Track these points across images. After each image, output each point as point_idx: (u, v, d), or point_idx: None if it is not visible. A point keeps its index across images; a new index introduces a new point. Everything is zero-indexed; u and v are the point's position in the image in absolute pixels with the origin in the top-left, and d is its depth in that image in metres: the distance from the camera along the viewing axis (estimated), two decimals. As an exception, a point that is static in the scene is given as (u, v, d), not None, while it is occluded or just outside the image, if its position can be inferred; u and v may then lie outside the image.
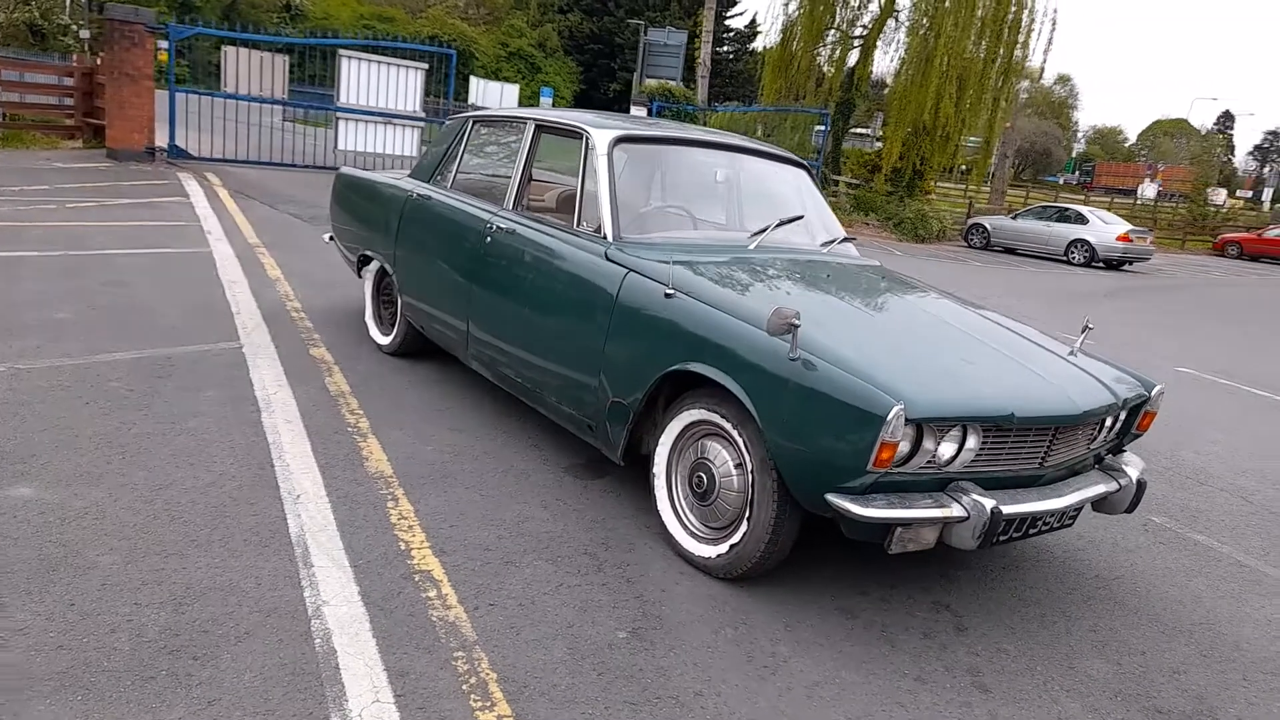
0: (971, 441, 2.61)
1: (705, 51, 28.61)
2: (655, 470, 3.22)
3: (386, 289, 5.14)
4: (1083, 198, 40.25)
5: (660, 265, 3.27)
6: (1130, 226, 21.37)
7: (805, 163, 4.52)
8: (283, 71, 23.96)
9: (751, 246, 3.69)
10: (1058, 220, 21.91)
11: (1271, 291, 20.54)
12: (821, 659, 2.61)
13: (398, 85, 15.86)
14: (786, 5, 23.60)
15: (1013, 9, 21.23)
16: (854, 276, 3.71)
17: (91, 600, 2.42)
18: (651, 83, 27.51)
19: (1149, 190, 53.08)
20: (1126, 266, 21.30)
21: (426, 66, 16.38)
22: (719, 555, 2.94)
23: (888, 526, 2.54)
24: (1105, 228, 21.03)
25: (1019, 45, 21.57)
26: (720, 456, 2.95)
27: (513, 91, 38.18)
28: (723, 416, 2.89)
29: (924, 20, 21.44)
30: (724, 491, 2.94)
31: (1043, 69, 36.06)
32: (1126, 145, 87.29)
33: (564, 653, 2.47)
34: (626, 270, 3.30)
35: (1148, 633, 3.06)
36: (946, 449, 2.59)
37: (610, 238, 3.49)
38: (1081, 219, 21.61)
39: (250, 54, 21.39)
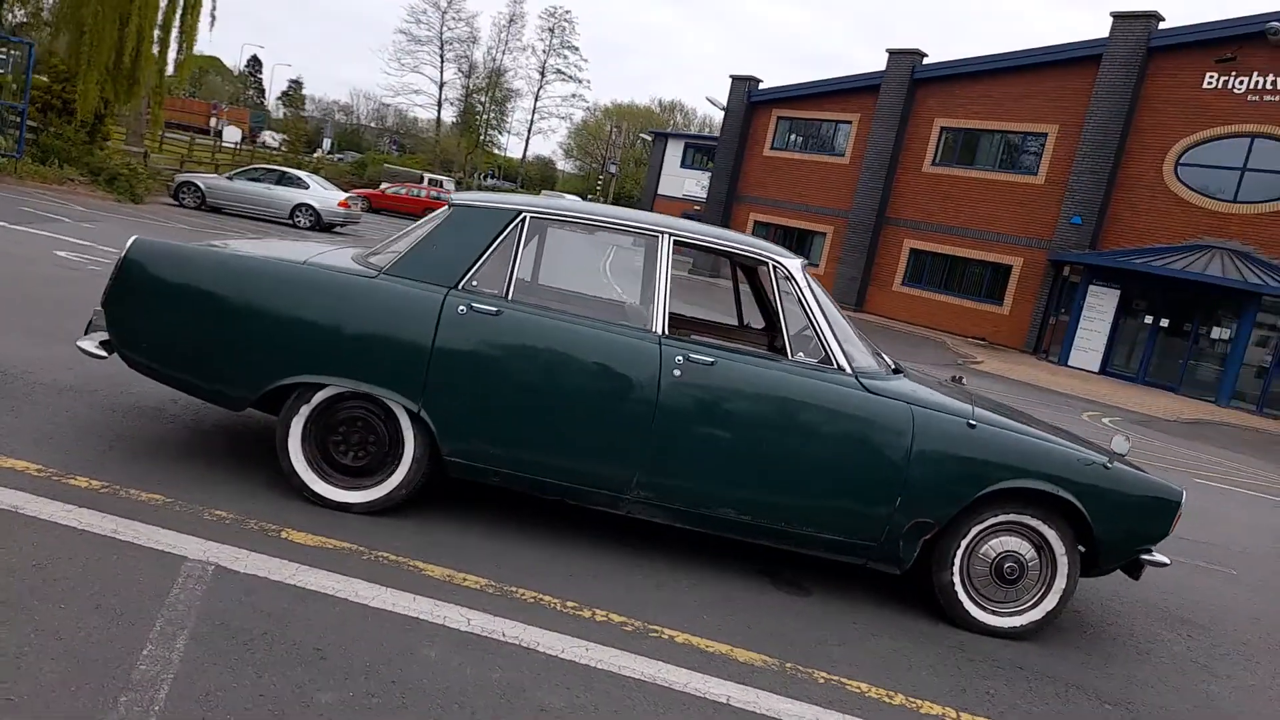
0: None
1: None
2: (952, 570, 3.85)
3: (346, 427, 3.73)
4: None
5: (945, 399, 3.84)
6: (346, 194, 23.04)
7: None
8: None
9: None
10: (279, 184, 22.18)
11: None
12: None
13: None
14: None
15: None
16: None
17: None
18: None
19: (232, 133, 54.50)
20: (340, 229, 23.00)
21: None
22: (1030, 623, 3.88)
23: (1143, 564, 3.97)
24: (325, 193, 22.25)
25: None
26: (1022, 546, 3.87)
27: None
28: (1032, 515, 3.82)
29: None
30: (1029, 573, 3.88)
31: None
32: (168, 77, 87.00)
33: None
34: (910, 404, 3.76)
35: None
36: None
37: (849, 370, 3.80)
38: (302, 184, 22.34)
39: None
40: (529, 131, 75.51)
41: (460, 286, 3.72)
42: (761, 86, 31.44)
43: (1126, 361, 21.41)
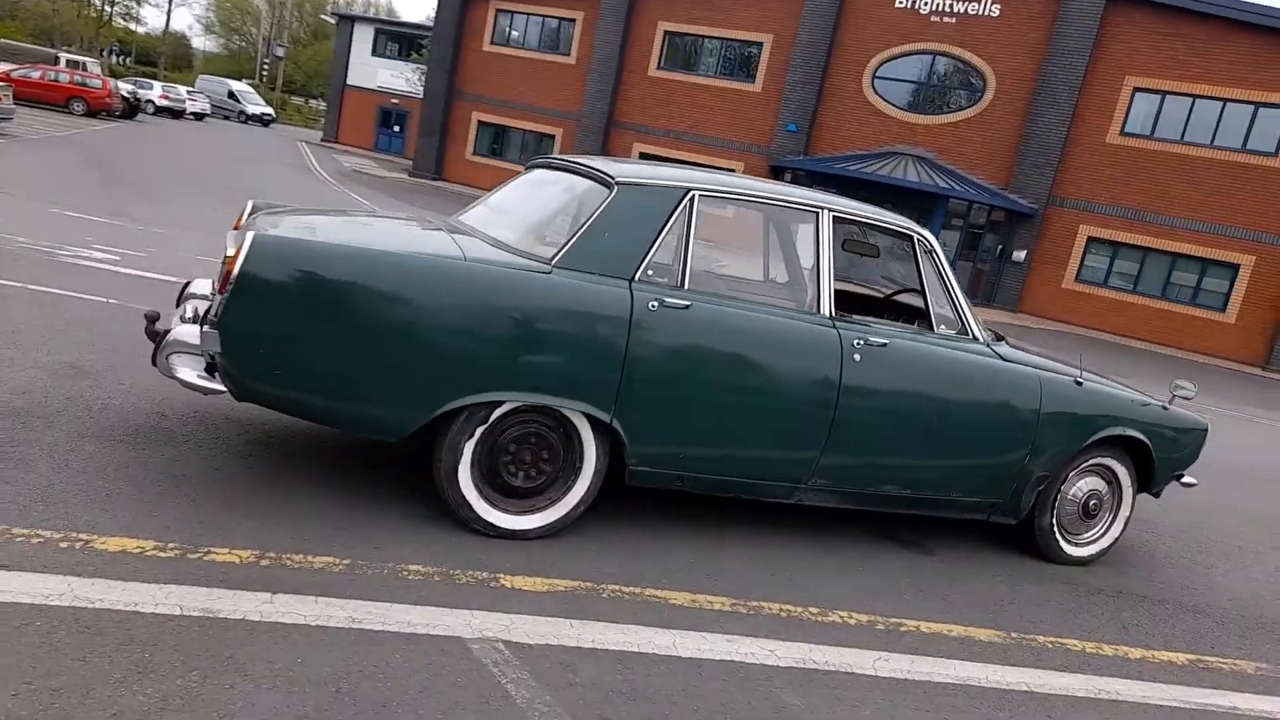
0: None
1: None
2: (1052, 512, 4.25)
3: (517, 445, 3.25)
4: None
5: (1053, 362, 4.16)
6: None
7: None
8: None
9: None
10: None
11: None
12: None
13: None
14: None
15: None
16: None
17: None
18: None
19: None
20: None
21: None
22: (1101, 550, 4.43)
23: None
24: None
25: None
26: (1099, 484, 4.37)
27: None
28: (1109, 455, 4.33)
29: None
30: (1105, 506, 4.41)
31: None
32: None
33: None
34: (1035, 370, 4.04)
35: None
36: None
37: (982, 340, 4.00)
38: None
39: None
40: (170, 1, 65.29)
41: (637, 277, 3.33)
42: (472, -26, 29.77)
43: (839, 258, 23.86)
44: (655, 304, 3.29)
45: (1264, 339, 20.49)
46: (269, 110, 50.21)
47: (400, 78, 39.05)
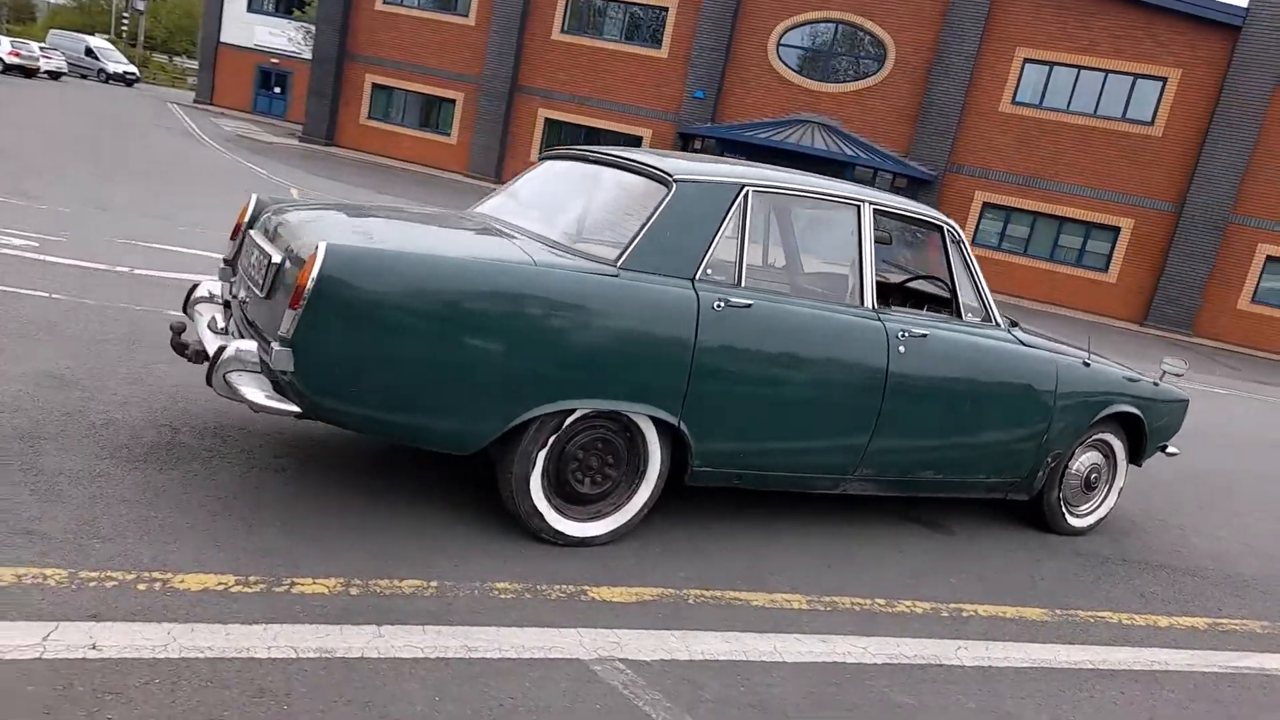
0: None
1: None
2: (1060, 488, 4.45)
3: (584, 451, 3.18)
4: None
5: (1064, 345, 4.32)
6: None
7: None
8: None
9: None
10: None
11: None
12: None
13: None
14: None
15: None
16: None
17: None
18: None
19: None
20: None
21: None
22: (1098, 520, 4.67)
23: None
24: None
25: None
26: (1097, 458, 4.59)
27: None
28: (1108, 430, 4.56)
29: None
30: (1103, 479, 4.64)
31: None
32: None
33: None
34: (1051, 354, 4.20)
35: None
36: None
37: (1003, 327, 4.13)
38: None
39: None
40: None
41: (698, 277, 3.27)
42: (361, -71, 28.42)
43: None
44: (720, 304, 3.24)
45: (1143, 298, 21.90)
46: (132, 69, 46.77)
47: (282, 36, 36.98)
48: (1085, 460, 4.53)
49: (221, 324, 3.19)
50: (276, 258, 2.94)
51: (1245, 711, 3.04)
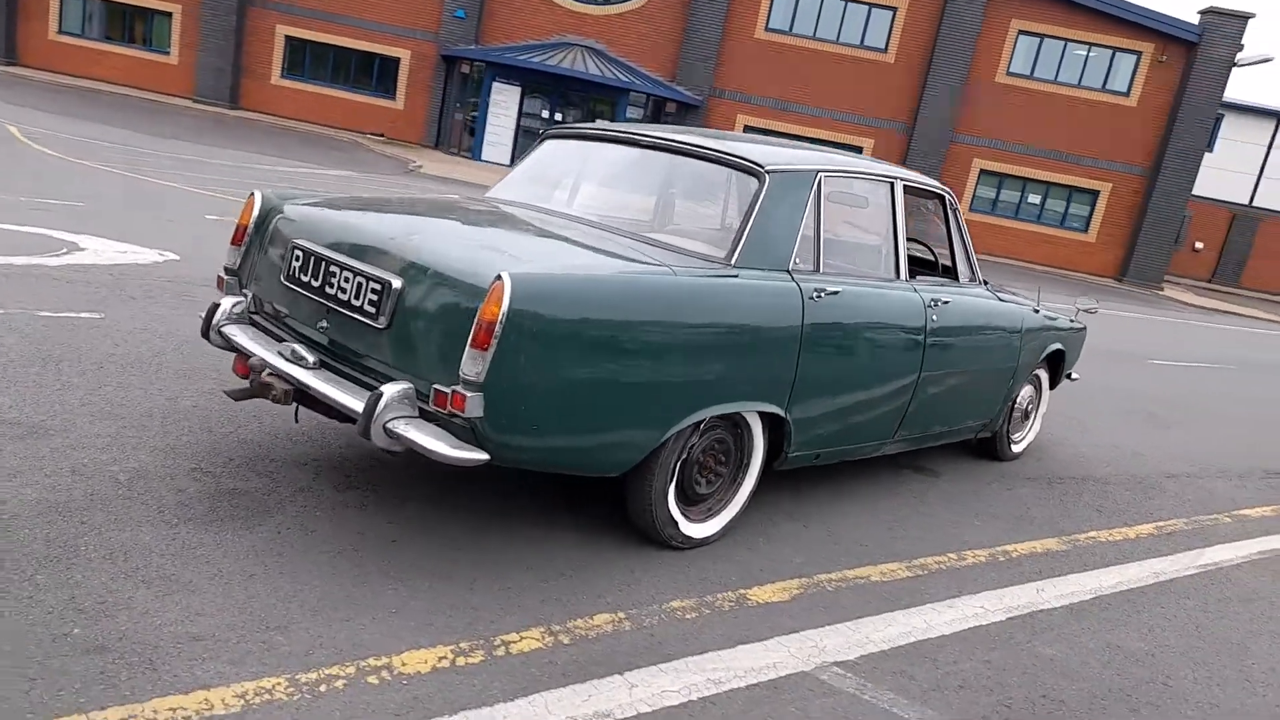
0: None
1: None
2: (1009, 422, 4.97)
3: (704, 453, 3.15)
4: None
5: (1018, 294, 4.78)
6: None
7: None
8: None
9: None
10: None
11: None
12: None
13: None
14: None
15: None
16: None
17: None
18: None
19: None
20: None
21: None
22: (1029, 444, 5.29)
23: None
24: None
25: None
26: (1031, 390, 5.16)
27: None
28: (1040, 366, 5.14)
29: None
30: (1035, 408, 5.24)
31: None
32: None
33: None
34: (1016, 304, 4.65)
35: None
36: None
37: (987, 284, 4.51)
38: None
39: None
40: None
41: (790, 267, 3.28)
42: None
43: (524, 152, 23.71)
44: (818, 294, 3.27)
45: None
46: None
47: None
48: (1025, 393, 5.09)
49: (305, 354, 2.75)
50: (396, 283, 2.58)
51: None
